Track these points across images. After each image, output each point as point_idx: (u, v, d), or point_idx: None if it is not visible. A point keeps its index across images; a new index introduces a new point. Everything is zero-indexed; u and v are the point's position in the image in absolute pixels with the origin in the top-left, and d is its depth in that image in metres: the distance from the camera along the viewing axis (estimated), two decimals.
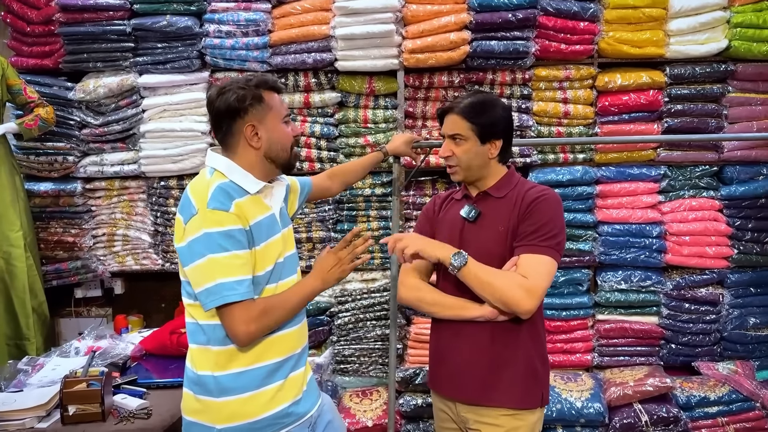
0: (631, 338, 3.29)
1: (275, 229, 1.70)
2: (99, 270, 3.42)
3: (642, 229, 3.25)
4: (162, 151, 3.29)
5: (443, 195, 2.08)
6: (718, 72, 3.17)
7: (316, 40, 3.16)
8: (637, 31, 3.14)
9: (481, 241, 1.85)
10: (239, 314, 1.54)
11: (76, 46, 3.26)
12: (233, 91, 1.63)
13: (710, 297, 3.25)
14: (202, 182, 1.62)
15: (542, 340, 1.90)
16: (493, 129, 1.87)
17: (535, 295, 1.73)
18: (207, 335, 1.63)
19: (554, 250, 1.78)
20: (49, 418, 2.09)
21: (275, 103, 1.70)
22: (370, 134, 3.29)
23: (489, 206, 1.89)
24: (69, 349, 2.70)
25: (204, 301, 1.56)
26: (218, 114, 1.66)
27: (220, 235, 1.53)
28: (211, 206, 1.54)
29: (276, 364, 1.66)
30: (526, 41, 3.11)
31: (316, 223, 3.37)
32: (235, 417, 1.62)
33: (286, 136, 1.72)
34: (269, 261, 1.65)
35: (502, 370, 1.82)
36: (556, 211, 1.82)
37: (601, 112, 3.24)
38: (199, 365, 1.65)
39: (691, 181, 3.28)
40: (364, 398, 3.19)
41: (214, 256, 1.52)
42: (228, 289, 1.52)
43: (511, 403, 1.81)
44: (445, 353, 1.92)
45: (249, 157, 1.68)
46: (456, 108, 1.89)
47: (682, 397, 3.04)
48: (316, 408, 1.79)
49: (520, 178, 1.96)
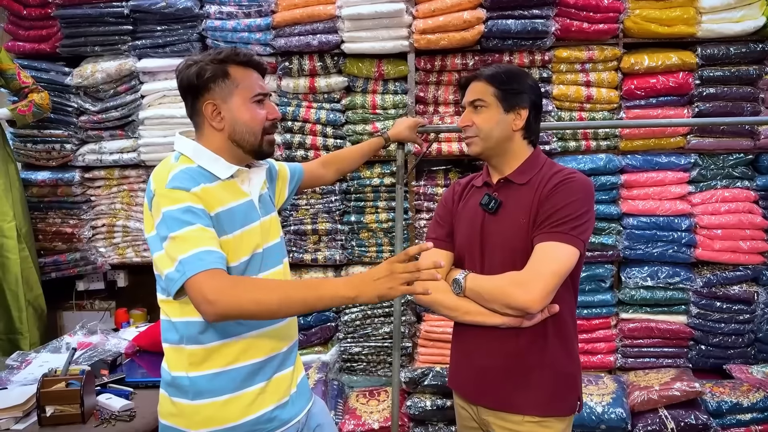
0: (657, 339, 3.19)
1: (252, 217, 1.54)
2: (98, 262, 3.35)
3: (670, 222, 3.12)
4: (162, 139, 3.20)
5: (463, 182, 1.91)
6: (754, 52, 3.03)
7: (322, 20, 3.05)
8: (666, 9, 3.02)
9: (502, 235, 1.71)
10: (204, 283, 1.32)
11: (73, 30, 3.19)
12: (197, 65, 1.48)
13: (744, 295, 3.13)
14: (164, 167, 1.48)
15: (573, 343, 1.77)
16: (520, 97, 1.71)
17: (529, 287, 1.58)
18: (179, 333, 1.50)
19: (571, 236, 1.61)
20: (27, 419, 1.98)
21: (245, 81, 1.52)
22: (379, 121, 3.16)
23: (510, 195, 1.73)
24: (60, 344, 2.62)
25: (170, 287, 1.38)
26: (181, 89, 1.52)
27: (179, 211, 1.38)
28: (170, 185, 1.40)
29: (257, 365, 1.52)
30: (546, 20, 2.99)
31: (323, 214, 3.24)
32: (211, 421, 1.49)
33: (254, 118, 1.53)
34: (245, 251, 1.50)
35: (527, 376, 1.70)
36: (580, 194, 1.65)
37: (626, 96, 3.12)
38: (173, 365, 1.52)
39: (724, 171, 3.16)
40: (371, 399, 3.05)
41: (176, 234, 1.36)
42: (189, 262, 1.33)
43: (536, 410, 1.70)
44: (468, 355, 1.80)
45: (215, 138, 1.52)
46: (480, 75, 1.75)
47: (713, 403, 2.90)
48: (305, 412, 1.65)
49: (546, 161, 1.78)
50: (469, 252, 1.77)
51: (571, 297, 1.75)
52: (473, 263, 1.75)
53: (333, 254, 3.24)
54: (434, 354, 3.13)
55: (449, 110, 3.15)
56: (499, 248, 1.70)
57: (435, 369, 2.93)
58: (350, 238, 3.26)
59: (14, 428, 1.94)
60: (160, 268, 1.44)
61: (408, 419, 2.93)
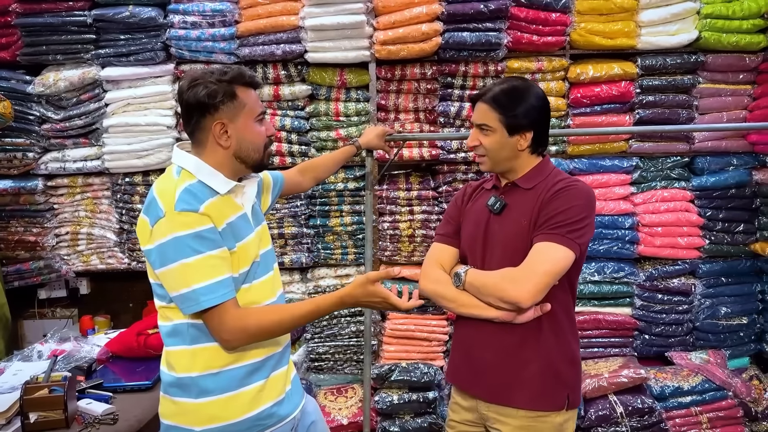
0: (605, 330, 3.30)
1: (248, 229, 1.64)
2: (63, 270, 3.33)
3: (614, 221, 3.26)
4: (126, 147, 3.20)
5: (475, 184, 2.02)
6: (688, 63, 3.17)
7: (285, 31, 3.09)
8: (609, 22, 3.14)
9: (505, 234, 1.80)
10: (221, 319, 1.49)
11: (34, 38, 3.15)
12: (204, 85, 1.54)
13: (682, 287, 3.28)
14: (168, 182, 1.54)
15: (568, 340, 1.84)
16: (523, 121, 1.78)
17: (521, 283, 1.67)
18: (185, 336, 1.57)
19: (568, 239, 1.69)
20: (9, 426, 2.00)
21: (249, 101, 1.60)
22: (342, 127, 3.24)
23: (516, 198, 1.83)
24: (32, 352, 2.60)
25: (181, 306, 1.51)
26: (188, 107, 1.57)
27: (189, 237, 1.47)
28: (179, 208, 1.47)
29: (257, 364, 1.61)
30: (498, 33, 3.07)
31: (288, 218, 3.31)
32: (215, 419, 1.57)
33: (258, 135, 1.63)
34: (245, 262, 1.59)
35: (522, 370, 1.78)
36: (580, 201, 1.73)
37: (573, 104, 3.22)
38: (178, 367, 1.59)
39: (663, 172, 3.30)
40: (338, 396, 3.15)
41: (186, 261, 1.46)
42: (204, 293, 1.47)
43: (530, 404, 1.78)
44: (467, 349, 1.89)
45: (218, 155, 1.59)
46: (485, 96, 1.81)
47: (657, 388, 3.07)
48: (299, 409, 1.75)
49: (553, 169, 1.87)
50: (473, 249, 1.87)
51: (568, 297, 1.83)
52: (475, 259, 1.85)
53: (299, 257, 3.32)
54: (399, 351, 3.22)
55: (409, 117, 3.24)
56: (500, 247, 1.79)
57: (401, 365, 3.04)
58: (316, 242, 3.34)
59: None
60: (166, 284, 1.51)
61: (376, 413, 3.03)
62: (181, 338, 1.57)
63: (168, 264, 1.47)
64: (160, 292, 1.57)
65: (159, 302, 1.60)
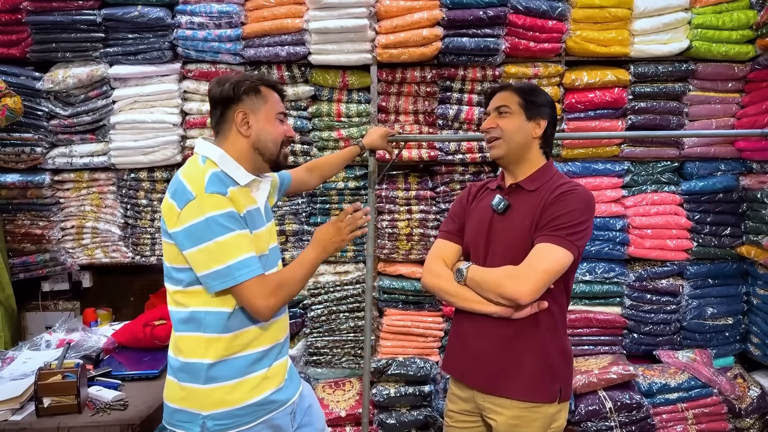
0: (595, 328, 3.37)
1: (261, 222, 1.74)
2: (67, 263, 3.38)
3: (606, 223, 3.34)
4: (132, 143, 3.26)
5: (479, 184, 2.09)
6: (679, 71, 3.26)
7: (290, 33, 3.16)
8: (603, 31, 3.22)
9: (507, 234, 1.86)
10: (256, 290, 1.59)
11: (44, 36, 3.20)
12: (232, 81, 1.69)
13: (671, 288, 3.36)
14: (195, 169, 1.63)
15: (562, 334, 1.90)
16: (541, 109, 1.89)
17: (521, 281, 1.74)
18: (200, 323, 1.63)
19: (568, 241, 1.75)
20: (23, 411, 2.08)
21: (271, 99, 1.75)
22: (344, 128, 3.32)
23: (519, 199, 1.89)
24: (40, 342, 2.68)
25: (212, 283, 1.58)
26: (214, 102, 1.71)
27: (222, 217, 1.56)
28: (210, 190, 1.57)
29: (262, 353, 1.70)
30: (497, 39, 3.15)
31: (289, 216, 3.39)
32: (221, 403, 1.64)
33: (277, 130, 1.76)
34: (258, 252, 1.67)
35: (517, 362, 1.84)
36: (581, 205, 1.79)
37: (567, 109, 3.30)
38: (188, 352, 1.65)
39: (653, 177, 3.39)
40: (337, 389, 3.22)
41: (220, 239, 1.55)
42: (238, 269, 1.56)
43: (523, 395, 1.83)
44: (464, 341, 1.95)
45: (239, 145, 1.71)
46: (506, 86, 1.94)
47: (645, 385, 3.14)
48: (297, 394, 1.83)
49: (556, 173, 1.93)
50: (475, 246, 1.94)
51: (563, 296, 1.90)
52: (477, 256, 1.93)
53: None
54: (395, 346, 3.31)
55: (409, 119, 3.32)
56: (502, 245, 1.85)
57: (398, 359, 3.12)
58: None
59: (12, 419, 2.03)
60: (196, 263, 1.58)
61: (373, 406, 3.10)
62: (197, 325, 1.63)
63: (201, 243, 1.55)
64: (177, 276, 1.64)
65: (174, 287, 1.66)
